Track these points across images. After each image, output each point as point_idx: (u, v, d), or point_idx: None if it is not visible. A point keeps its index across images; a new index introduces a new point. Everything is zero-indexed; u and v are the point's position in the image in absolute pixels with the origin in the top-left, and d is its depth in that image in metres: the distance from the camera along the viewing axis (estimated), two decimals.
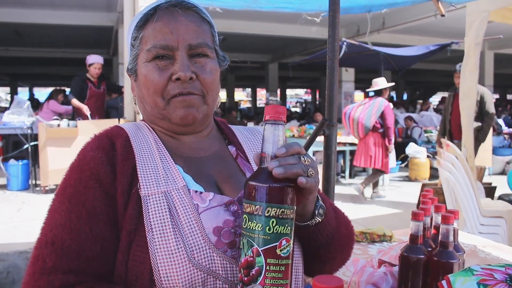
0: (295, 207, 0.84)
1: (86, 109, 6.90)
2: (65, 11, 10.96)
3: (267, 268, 0.79)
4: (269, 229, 0.79)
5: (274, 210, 0.80)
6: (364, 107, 6.56)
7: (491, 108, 5.99)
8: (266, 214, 0.80)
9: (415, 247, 1.15)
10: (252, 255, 0.80)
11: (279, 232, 0.80)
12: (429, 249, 1.18)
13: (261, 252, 0.79)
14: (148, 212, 0.90)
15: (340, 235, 1.06)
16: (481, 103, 5.94)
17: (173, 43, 0.99)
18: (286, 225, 0.81)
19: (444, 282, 0.92)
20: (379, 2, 3.49)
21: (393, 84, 7.11)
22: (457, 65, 6.01)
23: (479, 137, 5.96)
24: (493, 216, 3.81)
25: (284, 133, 0.87)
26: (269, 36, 12.83)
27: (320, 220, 0.98)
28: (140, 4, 5.29)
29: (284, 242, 0.81)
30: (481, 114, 6.02)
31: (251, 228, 0.80)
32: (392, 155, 7.54)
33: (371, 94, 6.93)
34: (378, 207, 6.36)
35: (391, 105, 7.08)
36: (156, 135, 1.05)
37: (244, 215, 0.82)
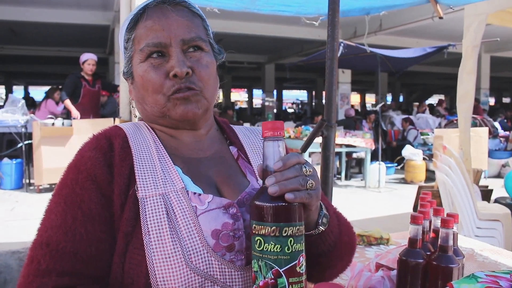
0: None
1: (76, 114, 6.87)
2: (61, 10, 10.92)
3: (290, 287, 0.78)
4: (288, 249, 0.78)
5: (291, 229, 0.79)
6: None
7: None
8: (284, 234, 0.78)
9: (414, 251, 1.13)
10: (273, 277, 0.78)
11: (297, 250, 0.79)
12: (428, 253, 1.16)
13: (282, 273, 0.78)
14: (145, 215, 0.89)
15: (341, 243, 1.04)
16: None
17: (166, 40, 0.96)
18: (301, 242, 0.81)
19: None
20: (378, 5, 3.48)
21: None
22: None
23: None
24: (489, 219, 3.80)
25: (283, 148, 0.86)
26: (265, 36, 12.84)
27: (323, 229, 0.96)
28: (137, 3, 5.28)
29: (301, 258, 0.80)
30: None
31: (268, 250, 0.78)
32: None
33: None
34: (374, 209, 6.35)
35: None
36: (155, 135, 1.02)
37: (258, 238, 0.80)
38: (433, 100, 27.66)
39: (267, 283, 0.78)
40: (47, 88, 10.56)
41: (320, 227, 0.95)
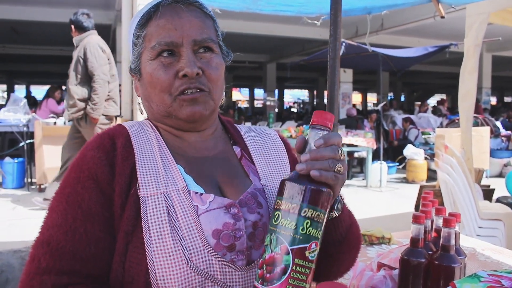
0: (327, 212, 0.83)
1: None
2: (62, 9, 10.91)
3: (293, 268, 0.78)
4: (302, 229, 0.78)
5: (311, 212, 0.79)
6: None
7: None
8: (302, 214, 0.79)
9: (416, 250, 1.13)
10: (280, 252, 0.78)
11: (311, 234, 0.79)
12: (430, 252, 1.16)
13: (290, 251, 0.78)
14: (146, 214, 0.89)
15: (351, 235, 1.04)
16: None
17: (178, 40, 0.97)
18: (318, 229, 0.80)
19: None
20: (379, 4, 3.48)
21: None
22: None
23: None
24: (491, 218, 3.80)
25: None
26: (267, 36, 12.82)
27: (337, 215, 0.97)
28: (139, 3, 5.27)
29: (313, 245, 0.80)
30: None
31: (283, 225, 0.79)
32: None
33: None
34: (376, 208, 6.34)
35: None
36: (159, 134, 1.03)
37: (277, 212, 0.81)
38: (433, 100, 27.62)
39: (273, 257, 0.79)
40: (48, 87, 10.57)
41: (335, 212, 0.96)
